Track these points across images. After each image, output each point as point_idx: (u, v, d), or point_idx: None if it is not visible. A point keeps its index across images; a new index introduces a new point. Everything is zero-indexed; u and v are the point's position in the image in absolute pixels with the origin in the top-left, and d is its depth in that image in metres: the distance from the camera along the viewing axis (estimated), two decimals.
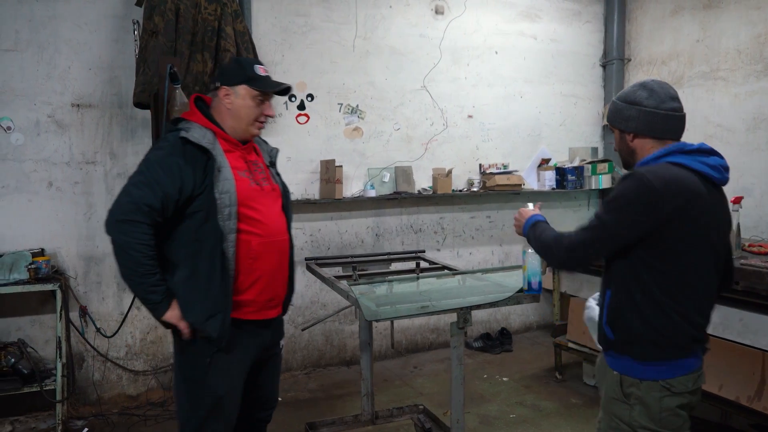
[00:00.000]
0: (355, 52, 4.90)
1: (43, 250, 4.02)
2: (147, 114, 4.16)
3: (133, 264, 2.08)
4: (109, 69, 4.16)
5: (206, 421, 2.25)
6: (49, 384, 3.82)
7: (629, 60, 5.85)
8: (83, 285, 4.20)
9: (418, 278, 3.43)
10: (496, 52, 5.45)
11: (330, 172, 4.66)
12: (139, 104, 3.72)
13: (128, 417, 4.16)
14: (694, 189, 1.83)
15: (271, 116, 2.38)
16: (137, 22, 4.11)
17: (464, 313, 2.50)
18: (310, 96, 4.76)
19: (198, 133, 2.17)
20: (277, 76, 4.54)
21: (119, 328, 4.02)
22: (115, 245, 2.09)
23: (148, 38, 3.68)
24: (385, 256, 3.65)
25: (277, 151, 2.59)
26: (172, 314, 2.17)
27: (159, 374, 4.44)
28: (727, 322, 3.44)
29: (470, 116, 5.39)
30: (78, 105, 4.11)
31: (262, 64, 2.33)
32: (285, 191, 2.49)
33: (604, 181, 5.69)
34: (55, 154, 4.08)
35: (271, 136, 4.65)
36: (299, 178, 4.77)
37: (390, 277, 3.18)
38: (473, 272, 3.28)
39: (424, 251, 3.81)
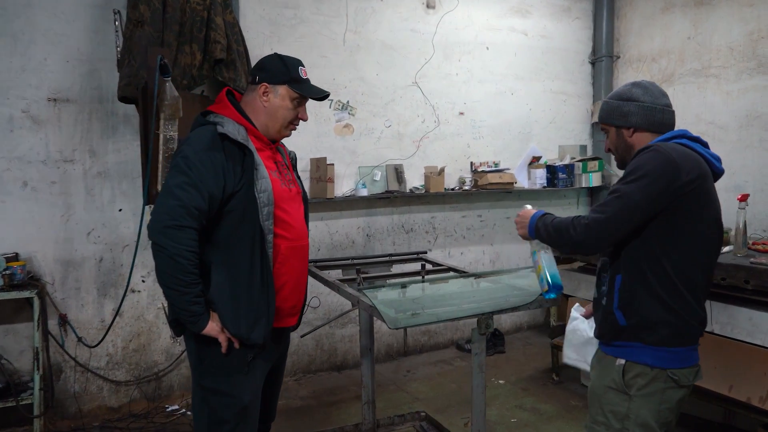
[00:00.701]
0: (346, 47, 4.73)
1: (17, 254, 3.75)
2: (129, 109, 3.94)
3: (179, 272, 1.94)
4: (89, 61, 3.91)
5: None
6: (26, 398, 3.58)
7: (618, 57, 5.81)
8: (61, 291, 3.95)
9: (423, 280, 3.30)
10: (488, 48, 5.34)
11: (321, 171, 4.49)
12: (124, 98, 3.50)
13: (110, 430, 3.93)
14: (703, 167, 1.90)
15: (305, 120, 2.29)
16: (118, 12, 3.88)
17: (486, 318, 2.37)
18: None
19: (233, 129, 2.07)
20: None
21: (104, 337, 3.78)
22: (161, 252, 1.95)
23: (133, 28, 3.46)
24: (387, 258, 3.50)
25: (295, 154, 2.51)
26: (213, 326, 2.05)
27: (142, 384, 4.21)
28: (735, 321, 3.39)
29: (462, 113, 5.27)
30: (55, 99, 3.85)
31: (304, 66, 2.23)
32: (305, 196, 2.41)
33: (595, 179, 5.64)
34: (30, 152, 3.81)
35: None
36: None
37: (399, 281, 3.03)
38: (483, 274, 3.15)
39: (426, 252, 3.67)
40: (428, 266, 3.40)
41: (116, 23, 3.90)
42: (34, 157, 3.82)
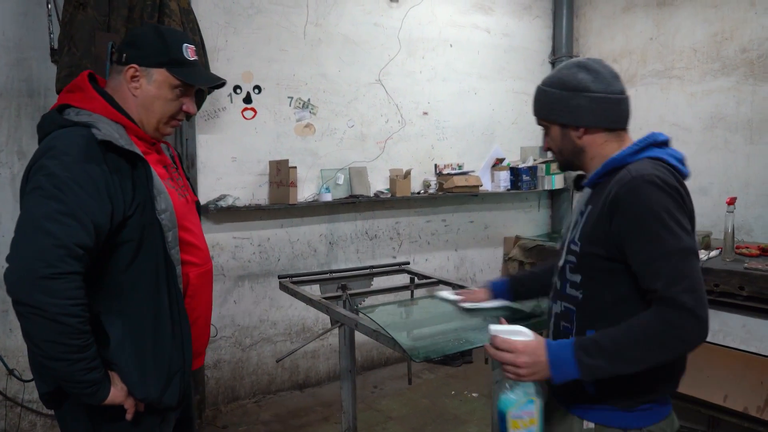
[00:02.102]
0: (306, 40, 4.38)
1: None
2: None
3: (67, 337, 1.42)
4: (16, 49, 3.39)
5: None
6: None
7: (577, 57, 5.72)
8: None
9: (412, 297, 3.03)
10: (451, 45, 5.12)
11: (282, 174, 4.12)
12: None
13: None
14: (684, 188, 1.49)
15: (192, 114, 1.77)
16: None
17: None
18: (258, 88, 4.19)
19: (109, 130, 1.55)
20: (220, 65, 3.97)
21: None
22: (37, 315, 1.40)
23: (73, 11, 2.99)
24: (368, 270, 3.20)
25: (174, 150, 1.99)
26: (118, 391, 1.56)
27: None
28: (727, 328, 3.30)
29: (425, 113, 5.02)
30: None
31: (192, 43, 1.74)
32: (199, 204, 1.95)
33: (557, 182, 5.54)
34: None
35: (214, 133, 4.06)
36: (246, 181, 4.18)
37: (399, 298, 2.74)
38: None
39: (408, 263, 3.39)
40: (416, 279, 3.13)
41: (48, 6, 3.41)
42: None
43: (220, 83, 1.80)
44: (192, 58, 1.71)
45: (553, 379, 1.44)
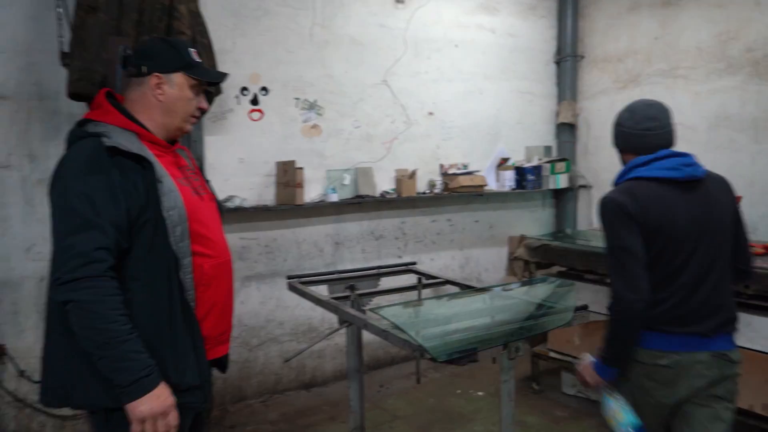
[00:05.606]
0: (313, 42, 4.40)
1: None
2: (74, 108, 3.47)
3: (113, 323, 1.59)
4: (26, 53, 3.43)
5: None
6: None
7: (582, 57, 5.74)
8: None
9: (419, 297, 3.05)
10: (456, 46, 5.14)
11: (289, 175, 4.15)
12: (76, 95, 3.05)
13: None
14: (648, 194, 2.01)
15: (206, 110, 2.02)
16: None
17: (516, 341, 2.15)
18: (265, 89, 4.22)
19: (123, 139, 1.72)
20: (228, 67, 3.98)
21: None
22: (79, 309, 1.58)
23: (84, 15, 3.02)
24: (375, 271, 3.23)
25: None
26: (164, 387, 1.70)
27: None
28: None
29: (431, 113, 5.04)
30: None
31: (193, 47, 1.96)
32: (219, 202, 2.12)
33: (562, 181, 5.56)
34: None
35: (222, 134, 4.09)
36: (253, 182, 4.22)
37: (407, 299, 2.77)
38: (486, 289, 2.93)
39: (415, 263, 3.42)
40: (423, 279, 3.15)
41: (58, 10, 3.44)
42: None
43: (225, 76, 2.06)
44: (199, 60, 1.92)
45: (599, 371, 2.11)
